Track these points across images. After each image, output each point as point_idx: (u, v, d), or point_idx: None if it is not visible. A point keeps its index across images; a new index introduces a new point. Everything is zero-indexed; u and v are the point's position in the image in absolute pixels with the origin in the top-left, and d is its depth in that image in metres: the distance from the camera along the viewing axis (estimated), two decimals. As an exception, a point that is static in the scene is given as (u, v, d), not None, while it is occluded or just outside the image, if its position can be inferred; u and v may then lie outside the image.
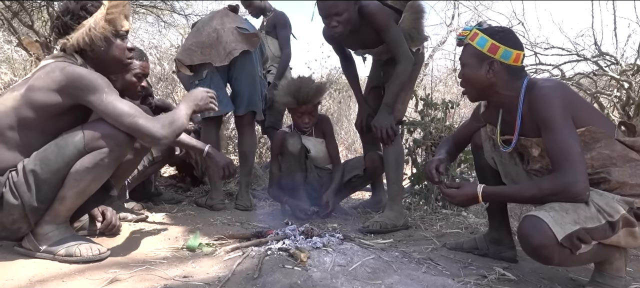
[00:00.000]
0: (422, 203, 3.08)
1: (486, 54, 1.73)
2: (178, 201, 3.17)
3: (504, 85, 1.75)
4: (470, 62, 1.77)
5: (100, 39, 1.81)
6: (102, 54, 1.86)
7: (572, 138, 1.56)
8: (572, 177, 1.52)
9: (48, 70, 1.74)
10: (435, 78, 7.12)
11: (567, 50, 4.94)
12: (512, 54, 1.72)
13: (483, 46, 1.73)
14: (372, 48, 2.68)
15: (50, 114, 1.72)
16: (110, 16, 1.83)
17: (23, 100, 1.71)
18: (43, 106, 1.71)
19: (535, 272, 1.90)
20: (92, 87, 1.71)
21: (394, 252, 2.02)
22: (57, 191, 1.72)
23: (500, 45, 1.72)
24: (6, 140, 1.70)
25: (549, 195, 1.56)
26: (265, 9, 4.04)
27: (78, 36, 1.79)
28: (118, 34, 1.88)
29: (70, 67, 1.74)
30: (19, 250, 1.78)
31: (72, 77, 1.70)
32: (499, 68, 1.73)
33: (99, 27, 1.80)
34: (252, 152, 3.26)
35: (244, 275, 1.67)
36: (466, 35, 1.81)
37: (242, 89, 3.06)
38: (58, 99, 1.71)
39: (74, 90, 1.70)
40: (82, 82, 1.70)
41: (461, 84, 1.86)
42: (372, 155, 2.98)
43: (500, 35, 1.74)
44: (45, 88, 1.70)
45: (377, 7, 2.53)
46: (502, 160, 1.92)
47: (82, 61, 1.83)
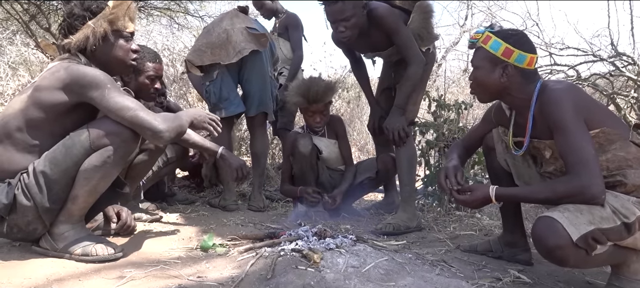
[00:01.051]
0: (435, 205, 3.06)
1: (500, 58, 1.71)
2: (191, 202, 3.20)
3: (517, 89, 1.73)
4: (483, 66, 1.76)
5: (101, 38, 1.84)
6: (105, 54, 1.88)
7: (585, 140, 1.54)
8: (587, 180, 1.50)
9: (53, 70, 1.77)
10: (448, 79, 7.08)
11: (582, 50, 4.88)
12: (526, 58, 1.70)
13: (497, 50, 1.72)
14: (382, 50, 2.68)
15: (57, 113, 1.75)
16: (113, 17, 1.85)
17: (30, 101, 1.74)
18: (49, 105, 1.73)
19: (551, 274, 1.88)
20: (95, 84, 1.73)
21: (407, 254, 2.01)
22: (69, 191, 1.75)
23: (515, 49, 1.70)
24: (15, 142, 1.73)
25: (562, 198, 1.54)
26: (277, 11, 4.05)
27: (80, 36, 1.82)
28: (121, 34, 1.90)
29: (74, 65, 1.77)
30: (36, 249, 1.80)
31: (75, 74, 1.73)
32: (512, 72, 1.71)
33: (101, 27, 1.83)
34: (264, 153, 3.27)
35: (257, 275, 1.67)
36: (478, 38, 1.79)
37: (253, 90, 3.07)
38: (64, 98, 1.73)
39: (77, 88, 1.73)
40: (85, 79, 1.73)
41: (471, 86, 1.85)
42: (384, 157, 2.97)
43: (515, 39, 1.72)
44: (50, 87, 1.73)
45: (386, 10, 2.51)
46: (515, 162, 1.90)
47: (86, 61, 1.86)
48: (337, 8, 2.40)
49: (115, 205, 2.16)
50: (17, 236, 1.78)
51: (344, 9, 2.40)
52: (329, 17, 2.47)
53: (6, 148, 1.73)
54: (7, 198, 1.68)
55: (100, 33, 1.83)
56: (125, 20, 1.90)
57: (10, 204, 1.68)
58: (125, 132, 1.77)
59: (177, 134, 1.86)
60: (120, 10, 1.87)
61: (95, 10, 1.84)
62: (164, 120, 1.80)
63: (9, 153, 1.73)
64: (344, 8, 2.40)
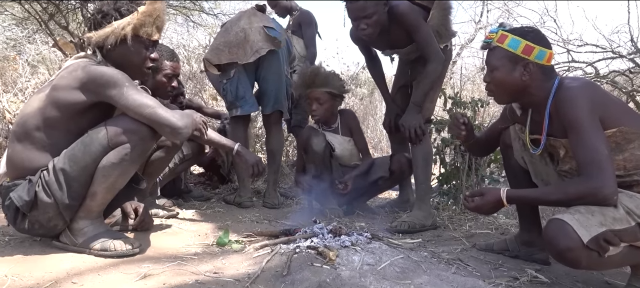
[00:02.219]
0: (450, 203, 3.04)
1: (520, 56, 1.69)
2: (207, 198, 3.23)
3: (537, 87, 1.71)
4: (503, 65, 1.72)
5: (120, 40, 1.85)
6: (121, 56, 1.89)
7: (598, 140, 1.51)
8: (599, 182, 1.48)
9: (70, 69, 1.79)
10: (464, 76, 7.02)
11: (601, 47, 4.80)
12: (546, 54, 1.68)
13: (516, 48, 1.69)
14: (401, 48, 2.66)
15: (74, 112, 1.77)
16: (139, 22, 1.86)
17: (48, 100, 1.76)
18: (67, 104, 1.75)
19: (568, 274, 1.85)
20: (112, 82, 1.74)
21: (423, 252, 2.00)
22: (88, 187, 1.77)
23: (535, 46, 1.67)
24: (34, 141, 1.76)
25: (574, 200, 1.52)
26: (291, 8, 4.05)
27: (103, 34, 1.83)
28: (141, 40, 1.90)
29: (91, 64, 1.79)
30: (56, 244, 1.84)
31: (93, 74, 1.75)
32: (534, 69, 1.69)
33: (124, 30, 1.84)
34: (279, 150, 3.28)
35: (273, 272, 1.68)
36: (493, 38, 1.75)
37: (269, 88, 3.09)
38: (81, 97, 1.75)
39: (95, 87, 1.75)
40: (103, 78, 1.74)
41: (488, 88, 1.80)
42: (399, 157, 2.95)
43: (533, 35, 1.70)
44: (68, 87, 1.75)
45: (407, 7, 2.49)
46: (532, 160, 1.88)
47: (102, 59, 1.88)
48: (359, 5, 2.38)
49: (133, 202, 2.19)
50: (39, 232, 1.81)
51: (366, 6, 2.38)
52: (350, 14, 2.44)
53: (26, 147, 1.76)
54: (28, 195, 1.71)
55: (121, 35, 1.84)
56: (151, 28, 1.90)
57: (31, 201, 1.71)
58: (142, 130, 1.79)
59: (193, 129, 1.89)
60: (149, 17, 1.88)
61: (123, 12, 1.85)
62: (181, 117, 1.82)
63: (28, 151, 1.76)
64: (366, 5, 2.38)
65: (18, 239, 1.92)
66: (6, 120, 3.73)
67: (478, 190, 1.81)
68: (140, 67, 1.95)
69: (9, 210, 1.76)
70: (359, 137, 3.08)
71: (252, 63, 2.98)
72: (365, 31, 2.43)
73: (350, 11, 2.43)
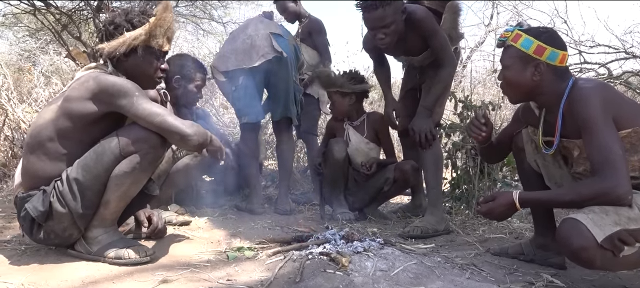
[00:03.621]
0: (463, 208, 3.02)
1: (532, 56, 1.68)
2: (219, 205, 3.23)
3: (548, 87, 1.70)
4: (514, 65, 1.72)
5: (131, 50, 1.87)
6: (134, 66, 1.91)
7: (612, 140, 1.50)
8: (613, 181, 1.47)
9: (82, 80, 1.81)
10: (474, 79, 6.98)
11: (614, 47, 4.75)
12: (558, 55, 1.67)
13: (528, 48, 1.68)
14: (416, 55, 2.63)
15: (86, 122, 1.79)
16: (152, 34, 1.89)
17: (60, 111, 1.79)
18: (79, 115, 1.77)
19: (585, 279, 1.83)
20: (123, 92, 1.76)
21: (436, 257, 1.99)
22: (101, 196, 1.79)
23: (547, 46, 1.67)
24: (48, 152, 1.78)
25: (588, 200, 1.50)
26: (300, 14, 4.05)
27: (115, 44, 1.85)
28: (153, 51, 1.92)
29: (102, 75, 1.81)
30: (71, 253, 1.86)
31: (104, 84, 1.77)
32: (545, 70, 1.68)
33: (135, 41, 1.86)
34: (290, 156, 3.29)
35: (286, 278, 1.68)
36: (508, 37, 1.76)
37: (278, 95, 3.10)
38: (93, 107, 1.77)
39: (106, 97, 1.77)
40: (114, 88, 1.76)
41: (502, 86, 1.81)
42: (401, 165, 2.94)
43: (546, 36, 1.69)
44: (80, 97, 1.77)
45: (424, 13, 2.47)
46: (545, 163, 1.86)
47: (113, 69, 1.90)
48: (378, 15, 2.34)
49: (146, 210, 2.20)
50: (54, 242, 1.84)
51: (385, 16, 2.33)
52: (368, 24, 2.40)
53: (39, 158, 1.78)
54: (43, 205, 1.73)
55: (132, 46, 1.86)
56: (162, 39, 1.93)
57: (46, 211, 1.74)
58: (153, 138, 1.80)
59: (203, 141, 1.87)
60: (160, 29, 1.90)
61: (135, 24, 1.88)
62: (191, 126, 1.83)
63: (42, 162, 1.78)
64: (384, 14, 2.33)
65: (34, 248, 1.95)
66: (21, 130, 3.78)
67: (490, 194, 1.79)
68: (151, 77, 1.97)
69: (25, 221, 1.78)
70: (385, 140, 3.11)
71: (261, 70, 2.99)
72: (383, 41, 2.40)
73: (368, 21, 2.39)
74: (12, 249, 1.95)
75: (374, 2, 2.34)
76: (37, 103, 4.16)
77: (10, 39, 9.43)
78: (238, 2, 8.39)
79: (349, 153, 3.00)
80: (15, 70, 6.11)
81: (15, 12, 7.24)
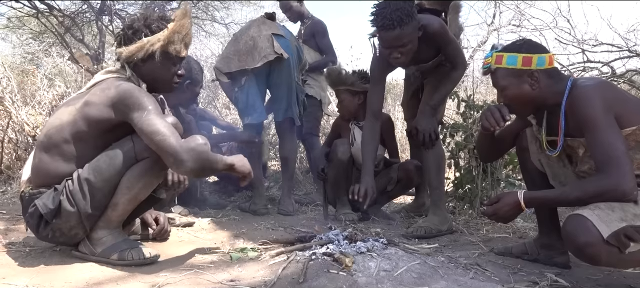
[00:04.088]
0: (466, 207, 3.01)
1: (523, 69, 1.71)
2: (222, 206, 3.24)
3: (547, 91, 1.72)
4: (510, 83, 1.74)
5: (149, 56, 1.87)
6: (151, 71, 1.91)
7: (614, 136, 1.51)
8: (617, 178, 1.47)
9: (103, 86, 1.82)
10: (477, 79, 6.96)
11: (617, 46, 4.74)
12: (545, 58, 1.71)
13: (516, 63, 1.71)
14: (425, 63, 2.57)
15: (102, 128, 1.80)
16: (170, 40, 1.88)
17: (79, 114, 1.79)
18: (96, 121, 1.78)
19: (590, 278, 1.82)
20: (137, 105, 1.75)
21: (440, 257, 1.98)
22: (110, 198, 1.80)
23: (532, 55, 1.70)
24: (62, 153, 1.79)
25: (594, 197, 1.51)
26: (303, 15, 4.06)
27: (134, 49, 1.86)
28: (170, 57, 1.92)
29: (124, 85, 1.80)
30: (75, 254, 1.87)
31: (122, 94, 1.77)
32: (540, 76, 1.70)
33: (155, 47, 1.86)
34: (293, 157, 3.29)
35: (290, 279, 1.68)
36: (490, 62, 1.78)
37: (280, 95, 3.10)
38: (110, 115, 1.78)
39: (122, 107, 1.77)
40: (131, 99, 1.76)
41: (509, 106, 1.81)
42: (405, 165, 2.94)
43: (526, 46, 1.73)
44: (100, 104, 1.78)
45: (439, 24, 2.38)
46: (550, 162, 1.86)
47: (131, 73, 1.90)
48: (395, 35, 2.22)
49: (153, 211, 2.21)
50: (59, 240, 1.84)
51: (402, 35, 2.21)
52: (384, 43, 2.30)
53: (53, 158, 1.79)
54: (53, 203, 1.74)
55: (150, 51, 1.86)
56: (180, 45, 1.92)
57: (55, 209, 1.75)
58: None
59: (201, 167, 1.76)
60: (178, 35, 1.90)
61: (154, 29, 1.88)
62: (189, 150, 1.72)
63: (55, 162, 1.79)
64: (402, 34, 2.21)
65: (38, 250, 1.96)
66: (25, 132, 3.79)
67: (495, 196, 1.79)
68: (168, 82, 1.97)
69: (32, 218, 1.79)
70: (390, 141, 3.11)
71: (263, 71, 3.00)
72: (398, 60, 2.32)
73: (384, 41, 2.28)
74: (17, 251, 1.95)
75: (392, 22, 2.20)
76: (40, 105, 4.17)
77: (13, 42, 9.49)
78: (240, 3, 8.41)
79: (353, 154, 3.00)
80: (19, 73, 6.14)
81: (19, 15, 7.28)
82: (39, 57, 7.01)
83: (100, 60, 6.00)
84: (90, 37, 7.34)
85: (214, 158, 1.80)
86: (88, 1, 6.44)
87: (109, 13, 6.23)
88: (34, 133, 3.72)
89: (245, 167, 1.90)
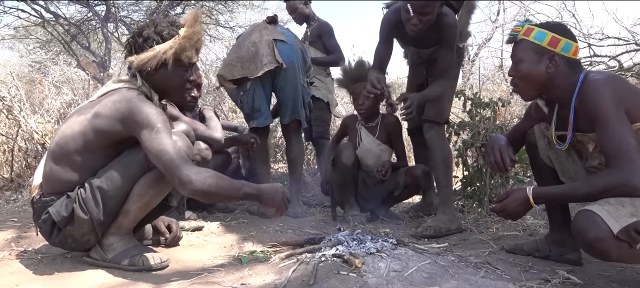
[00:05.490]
0: (475, 206, 3.00)
1: (546, 48, 1.68)
2: (231, 210, 3.24)
3: (562, 80, 1.69)
4: (528, 57, 1.71)
5: (161, 64, 1.85)
6: (163, 79, 1.89)
7: (625, 131, 1.50)
8: (628, 172, 1.46)
9: (115, 99, 1.79)
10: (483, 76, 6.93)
11: (624, 39, 4.70)
12: (572, 46, 1.67)
13: (542, 40, 1.68)
14: (425, 48, 2.66)
15: (112, 141, 1.80)
16: (182, 48, 1.86)
17: (89, 126, 1.79)
18: (106, 133, 1.78)
19: (602, 275, 1.81)
20: (146, 123, 1.72)
21: (450, 257, 1.97)
22: (122, 205, 1.81)
23: (561, 38, 1.67)
24: (73, 162, 1.80)
25: (604, 192, 1.50)
26: (309, 17, 4.06)
27: (145, 58, 1.83)
28: (182, 64, 1.89)
29: (135, 100, 1.77)
30: (87, 260, 1.88)
31: (132, 110, 1.74)
32: (560, 61, 1.68)
33: (167, 55, 1.84)
34: (300, 159, 3.29)
35: (300, 281, 1.68)
36: (519, 31, 1.75)
37: (286, 98, 3.11)
38: (120, 128, 1.77)
39: (131, 122, 1.74)
40: (140, 115, 1.73)
41: (513, 82, 1.79)
42: (413, 170, 2.93)
43: (558, 28, 1.70)
44: (110, 117, 1.77)
45: (453, 22, 2.51)
46: (559, 158, 1.84)
47: (142, 82, 1.87)
48: (425, 2, 2.36)
49: (164, 218, 2.22)
50: (71, 246, 1.86)
51: (428, 5, 2.35)
52: (412, 7, 2.40)
53: (63, 168, 1.80)
54: (66, 210, 1.76)
55: (162, 59, 1.84)
56: (191, 52, 1.90)
57: (69, 217, 1.76)
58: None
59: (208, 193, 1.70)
60: (190, 41, 1.87)
61: (165, 36, 1.85)
62: (198, 173, 1.68)
63: (66, 172, 1.80)
64: (429, 4, 2.35)
65: (50, 257, 1.97)
66: (35, 140, 3.83)
67: (503, 193, 1.78)
68: (181, 89, 1.95)
69: (45, 224, 1.80)
70: (397, 142, 3.09)
71: (268, 74, 3.00)
72: (416, 27, 2.41)
73: (414, 5, 2.39)
74: (29, 258, 1.97)
75: None
76: (49, 113, 4.21)
77: (21, 51, 9.58)
78: (244, 6, 8.43)
79: (359, 155, 3.00)
80: (27, 82, 6.19)
81: (26, 24, 7.35)
82: (46, 66, 7.07)
83: (107, 67, 6.04)
84: (96, 44, 7.40)
85: (227, 186, 1.73)
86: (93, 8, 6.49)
87: (114, 20, 6.27)
88: (43, 141, 3.76)
89: (275, 200, 1.82)
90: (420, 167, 2.92)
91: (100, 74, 5.90)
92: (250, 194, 1.78)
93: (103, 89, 1.91)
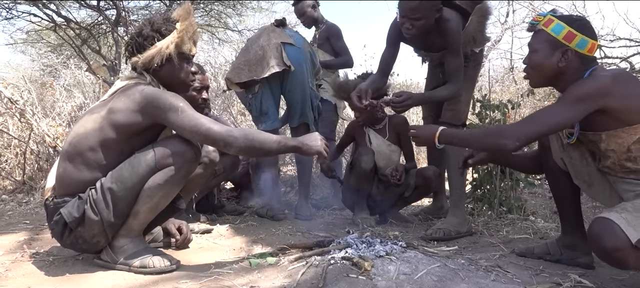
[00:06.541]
0: (485, 209, 2.98)
1: (561, 42, 1.68)
2: (240, 212, 3.25)
3: (572, 75, 1.70)
4: (542, 49, 1.72)
5: (166, 59, 1.91)
6: (170, 74, 1.96)
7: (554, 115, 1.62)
8: (505, 138, 1.67)
9: (128, 92, 1.84)
10: (492, 78, 6.89)
11: (635, 41, 4.66)
12: (587, 43, 1.66)
13: (559, 33, 1.69)
14: (434, 52, 2.65)
15: (129, 134, 1.82)
16: (181, 40, 1.93)
17: (105, 121, 1.82)
18: (124, 126, 1.81)
19: (614, 279, 1.78)
20: (169, 105, 1.80)
21: (460, 260, 1.96)
22: (132, 207, 1.83)
23: (577, 33, 1.66)
24: (87, 161, 1.82)
25: (483, 144, 1.84)
26: (317, 20, 4.07)
27: (149, 56, 1.89)
28: (185, 56, 1.97)
29: (149, 88, 1.85)
30: (98, 262, 1.89)
31: (151, 97, 1.81)
32: (572, 57, 1.68)
33: (170, 49, 1.90)
34: (309, 162, 3.29)
35: (309, 284, 1.68)
36: (540, 21, 1.76)
37: (295, 101, 3.11)
38: (138, 119, 1.81)
39: (153, 110, 1.80)
40: (160, 101, 1.80)
41: (526, 69, 1.82)
42: (423, 171, 2.92)
43: (578, 23, 1.69)
44: (127, 109, 1.81)
45: (456, 27, 2.47)
46: (572, 160, 1.83)
47: (151, 79, 1.93)
48: (412, 5, 2.34)
49: (175, 220, 2.23)
50: (82, 247, 1.87)
51: (418, 8, 2.34)
52: (400, 11, 2.42)
53: (77, 167, 1.82)
54: (78, 212, 1.77)
55: (166, 54, 1.90)
56: (190, 44, 1.97)
57: (80, 218, 1.78)
58: (188, 152, 1.84)
59: (250, 146, 1.85)
60: (187, 33, 1.95)
61: (164, 32, 1.92)
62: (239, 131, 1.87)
63: (79, 171, 1.82)
64: (419, 6, 2.33)
65: (62, 259, 1.99)
66: (46, 143, 3.87)
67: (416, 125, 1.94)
68: (185, 82, 2.03)
69: (57, 226, 1.82)
70: (406, 143, 3.09)
71: (277, 77, 3.01)
72: (409, 31, 2.42)
73: (402, 9, 2.40)
74: (42, 260, 1.99)
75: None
76: (60, 117, 4.25)
77: (32, 55, 9.69)
78: (252, 9, 8.46)
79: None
80: (38, 86, 6.26)
81: (37, 29, 7.44)
82: (57, 69, 7.15)
83: (117, 71, 6.09)
84: (107, 48, 7.47)
85: (268, 139, 1.87)
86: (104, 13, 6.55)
87: (124, 24, 6.32)
88: (55, 144, 3.79)
89: (312, 147, 1.90)
90: (432, 168, 2.91)
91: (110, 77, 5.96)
92: (290, 145, 1.91)
93: (113, 88, 1.94)
